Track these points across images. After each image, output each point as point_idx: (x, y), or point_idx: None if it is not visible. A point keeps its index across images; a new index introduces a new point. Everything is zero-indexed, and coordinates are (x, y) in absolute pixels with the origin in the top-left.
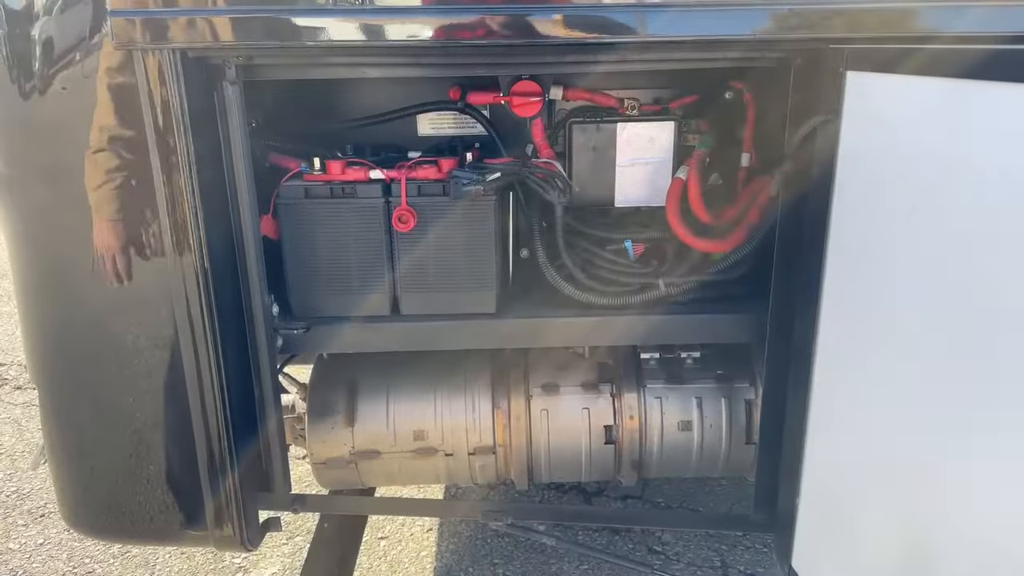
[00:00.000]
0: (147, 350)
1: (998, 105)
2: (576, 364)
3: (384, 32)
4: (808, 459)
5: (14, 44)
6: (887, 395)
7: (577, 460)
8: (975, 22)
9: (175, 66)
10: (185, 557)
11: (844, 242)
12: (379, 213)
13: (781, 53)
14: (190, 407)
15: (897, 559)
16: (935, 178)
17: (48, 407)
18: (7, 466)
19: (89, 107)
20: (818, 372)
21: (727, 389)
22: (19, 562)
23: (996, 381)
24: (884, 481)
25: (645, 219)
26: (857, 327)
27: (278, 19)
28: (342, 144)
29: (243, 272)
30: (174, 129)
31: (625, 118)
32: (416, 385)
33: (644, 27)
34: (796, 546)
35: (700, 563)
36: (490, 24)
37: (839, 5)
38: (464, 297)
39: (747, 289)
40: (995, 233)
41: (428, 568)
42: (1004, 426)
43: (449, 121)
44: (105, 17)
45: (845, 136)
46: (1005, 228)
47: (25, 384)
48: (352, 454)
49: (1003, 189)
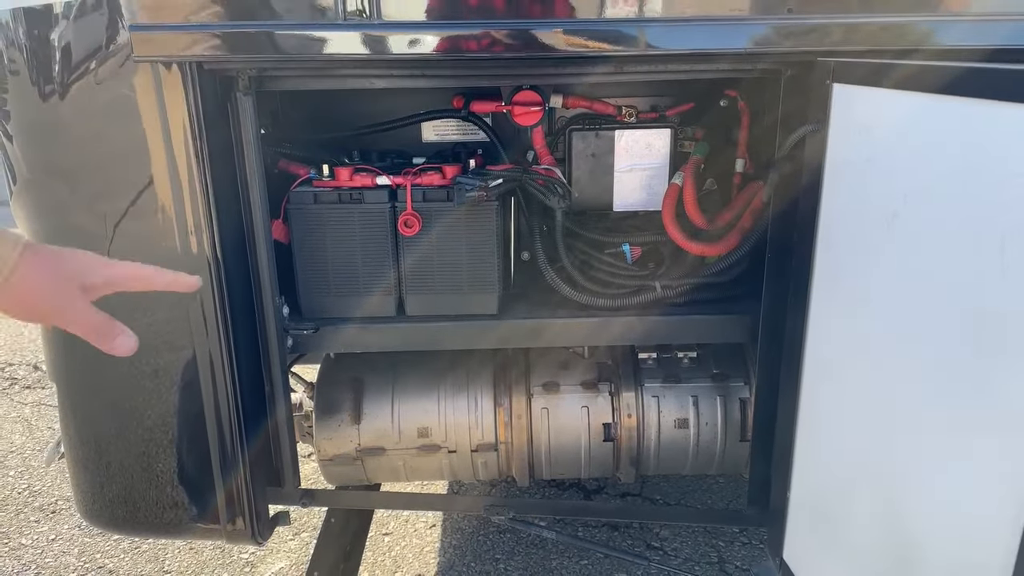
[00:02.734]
0: (163, 350)
1: (970, 119)
2: (576, 364)
3: (391, 46)
4: (798, 455)
5: (35, 51)
6: (869, 393)
7: (577, 457)
8: (953, 37)
9: (191, 78)
10: (194, 552)
11: (831, 246)
12: (385, 218)
13: (771, 65)
14: (203, 405)
15: (881, 549)
16: (914, 186)
17: (66, 405)
18: (19, 463)
19: (106, 113)
20: (807, 371)
21: (723, 388)
22: (31, 557)
23: (970, 382)
24: (867, 475)
25: (642, 223)
26: (842, 328)
27: (289, 34)
28: (349, 151)
29: (255, 275)
30: (189, 137)
31: (623, 125)
32: (420, 384)
33: (638, 41)
34: (787, 539)
35: (697, 559)
36: (492, 38)
37: (825, 20)
38: (467, 299)
39: (741, 291)
40: (971, 238)
41: (431, 563)
42: (978, 424)
43: (452, 128)
44: (120, 28)
45: (832, 145)
46: (980, 233)
47: (34, 384)
48: (358, 451)
49: (976, 197)
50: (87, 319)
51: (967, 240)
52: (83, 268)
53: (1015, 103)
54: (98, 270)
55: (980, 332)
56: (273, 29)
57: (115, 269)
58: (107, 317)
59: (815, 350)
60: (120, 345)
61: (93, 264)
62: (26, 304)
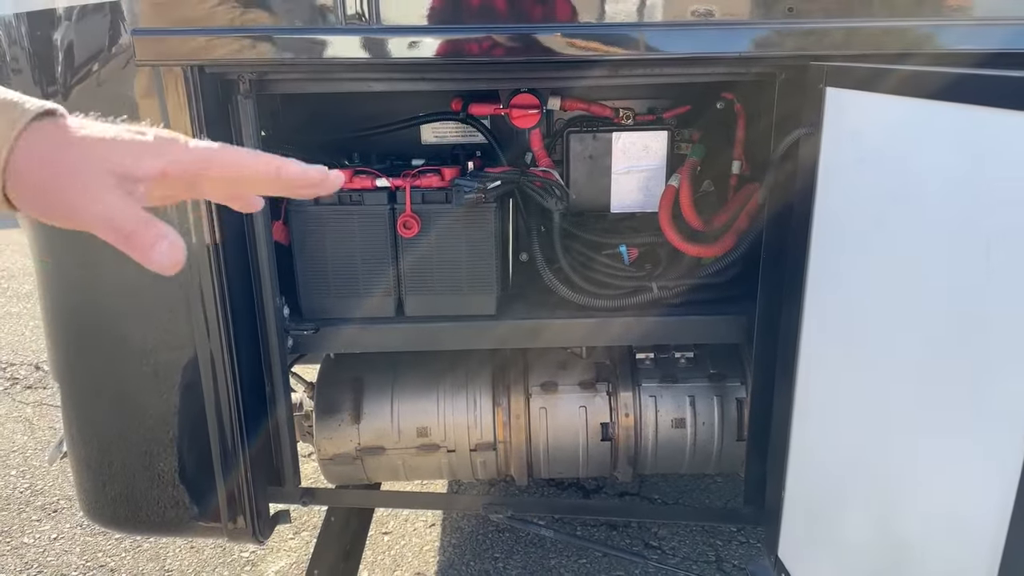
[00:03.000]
0: (165, 350)
1: (958, 124)
2: (574, 364)
3: (390, 49)
4: (793, 454)
5: (38, 52)
6: (861, 394)
7: (575, 456)
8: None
9: (192, 81)
10: (195, 551)
11: (825, 248)
12: (384, 219)
13: (766, 68)
14: (205, 404)
15: (873, 547)
16: (903, 189)
17: (69, 404)
18: (20, 463)
19: (108, 115)
20: (801, 371)
21: (719, 388)
22: (34, 556)
23: (958, 383)
24: (860, 474)
25: (640, 224)
26: (835, 329)
27: (290, 38)
28: (349, 153)
29: (256, 276)
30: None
31: (620, 127)
32: (419, 384)
33: (635, 45)
34: (782, 537)
35: (695, 557)
36: (490, 42)
37: (819, 25)
38: (466, 299)
39: (737, 291)
40: (958, 241)
41: (431, 562)
42: (966, 424)
43: (451, 130)
44: (122, 32)
45: (825, 148)
46: (967, 236)
47: (36, 384)
48: (358, 450)
49: (963, 200)
50: (110, 213)
51: (954, 243)
52: (123, 151)
53: (1002, 108)
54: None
55: (967, 334)
56: (274, 33)
57: (177, 152)
58: (146, 215)
59: (809, 350)
60: (160, 254)
61: (140, 147)
62: (34, 194)
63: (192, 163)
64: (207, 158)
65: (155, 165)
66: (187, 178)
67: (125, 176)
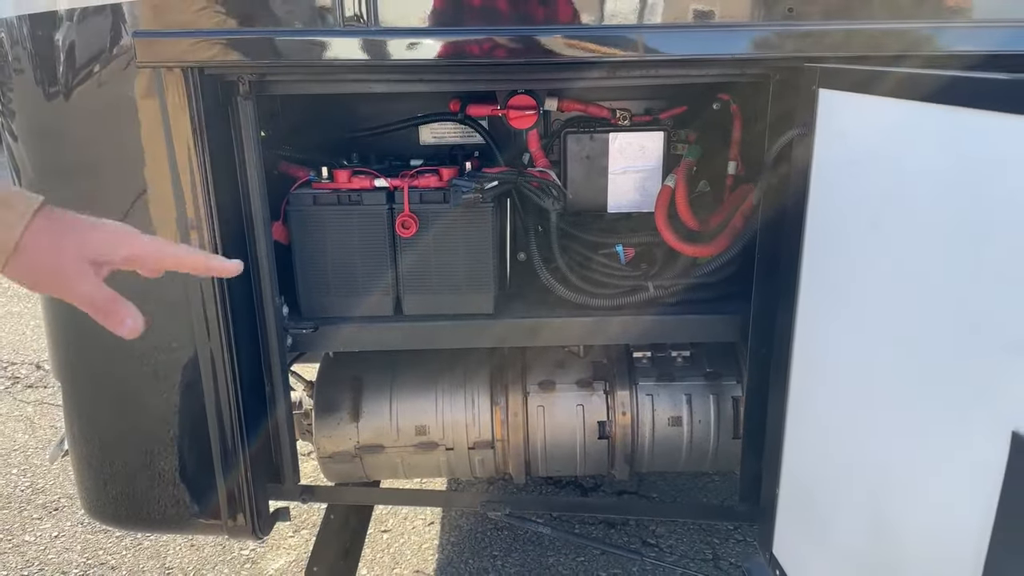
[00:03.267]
0: (165, 349)
1: (949, 125)
2: (571, 363)
3: (388, 51)
4: (787, 452)
5: (39, 53)
6: (854, 392)
7: (572, 454)
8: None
9: (192, 82)
10: (195, 549)
11: (818, 247)
12: (383, 219)
13: (760, 70)
14: (205, 403)
15: (865, 544)
16: (895, 190)
17: (70, 403)
18: (21, 461)
19: (109, 115)
20: (795, 369)
21: (715, 386)
22: (35, 554)
23: (950, 382)
24: (852, 472)
25: (636, 224)
26: (829, 327)
27: (289, 39)
28: (348, 153)
29: (255, 275)
30: (191, 140)
31: (617, 128)
32: (418, 382)
33: (631, 47)
34: (776, 534)
35: (692, 555)
36: (488, 43)
37: (816, 27)
38: (464, 298)
39: (733, 291)
40: (949, 242)
41: (430, 559)
42: (957, 423)
43: (449, 131)
44: (123, 34)
45: (818, 149)
46: (957, 236)
47: (36, 383)
48: (357, 448)
49: (953, 201)
50: (92, 295)
51: (945, 243)
52: (100, 241)
53: (992, 111)
54: (118, 244)
55: (958, 333)
56: (273, 35)
57: (139, 245)
58: (114, 295)
59: (803, 349)
60: (127, 327)
61: (113, 238)
62: (31, 274)
63: (148, 255)
64: (159, 250)
65: (124, 254)
66: (138, 263)
67: (101, 262)
